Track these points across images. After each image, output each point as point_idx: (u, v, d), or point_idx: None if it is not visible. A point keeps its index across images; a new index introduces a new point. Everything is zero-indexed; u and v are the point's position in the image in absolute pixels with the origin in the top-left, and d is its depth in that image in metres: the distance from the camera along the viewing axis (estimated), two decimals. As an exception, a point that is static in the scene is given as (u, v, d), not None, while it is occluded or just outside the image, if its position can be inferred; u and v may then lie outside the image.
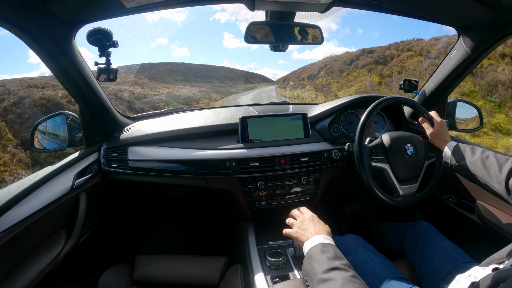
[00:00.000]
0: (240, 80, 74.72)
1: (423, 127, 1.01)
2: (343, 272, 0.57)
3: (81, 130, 1.10)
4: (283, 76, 42.64)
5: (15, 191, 0.75)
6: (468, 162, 0.82)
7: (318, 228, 0.74)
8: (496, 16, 0.86)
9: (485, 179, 0.76)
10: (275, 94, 28.43)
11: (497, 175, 0.73)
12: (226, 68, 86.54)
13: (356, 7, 0.94)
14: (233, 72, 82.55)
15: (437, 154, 1.03)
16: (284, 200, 1.17)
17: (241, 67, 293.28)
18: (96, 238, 1.13)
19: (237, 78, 77.02)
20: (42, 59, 0.83)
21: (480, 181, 0.78)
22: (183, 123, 1.20)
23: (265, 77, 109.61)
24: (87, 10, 0.78)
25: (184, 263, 0.99)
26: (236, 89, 51.38)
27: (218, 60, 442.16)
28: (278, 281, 0.84)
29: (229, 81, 66.42)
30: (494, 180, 0.73)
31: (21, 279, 0.72)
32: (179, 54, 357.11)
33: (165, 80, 48.47)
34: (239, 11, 40.01)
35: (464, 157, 0.83)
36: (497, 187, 0.73)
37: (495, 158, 0.76)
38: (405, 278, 0.80)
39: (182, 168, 1.09)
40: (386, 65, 15.06)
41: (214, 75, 70.70)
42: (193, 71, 64.79)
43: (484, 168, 0.77)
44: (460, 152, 0.86)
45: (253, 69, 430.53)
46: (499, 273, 0.49)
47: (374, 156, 1.00)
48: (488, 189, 0.77)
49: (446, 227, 1.09)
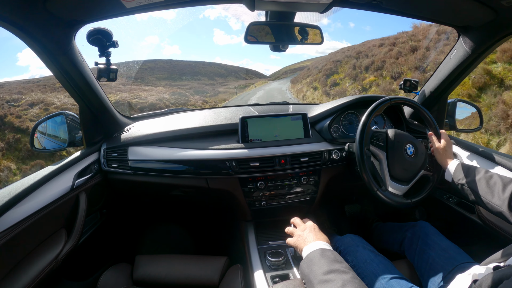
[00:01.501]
0: (231, 76, 69.55)
1: (431, 140, 1.00)
2: (343, 274, 0.58)
3: (81, 130, 1.10)
4: (275, 71, 40.61)
5: (15, 191, 0.75)
6: (471, 181, 0.83)
7: (318, 237, 0.75)
8: (496, 16, 0.86)
9: (487, 197, 0.77)
10: (290, 94, 20.84)
11: (500, 193, 0.74)
12: (216, 64, 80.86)
13: (356, 7, 0.94)
14: (224, 68, 76.63)
15: (436, 171, 1.01)
16: (284, 200, 1.17)
17: (233, 63, 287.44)
18: (96, 238, 1.13)
19: (228, 74, 71.68)
20: (42, 59, 0.83)
21: (482, 200, 0.79)
22: (183, 123, 1.20)
23: (259, 72, 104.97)
24: (87, 10, 0.78)
25: (184, 263, 0.99)
26: (226, 87, 46.68)
27: (209, 57, 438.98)
28: (278, 281, 0.84)
29: (219, 78, 61.35)
30: (496, 198, 0.74)
31: (21, 279, 0.73)
32: (170, 52, 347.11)
33: (145, 79, 44.37)
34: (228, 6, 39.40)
35: (467, 176, 0.84)
36: (499, 204, 0.74)
37: (500, 178, 0.77)
38: (405, 278, 0.80)
39: (182, 168, 1.09)
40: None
41: (203, 71, 65.52)
42: (179, 68, 60.41)
43: (487, 187, 0.78)
44: (463, 171, 0.86)
45: (245, 65, 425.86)
46: (501, 271, 0.49)
47: (374, 140, 1.00)
48: (489, 207, 0.77)
49: (446, 227, 1.09)
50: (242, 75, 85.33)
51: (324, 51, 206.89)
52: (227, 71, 76.29)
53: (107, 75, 0.96)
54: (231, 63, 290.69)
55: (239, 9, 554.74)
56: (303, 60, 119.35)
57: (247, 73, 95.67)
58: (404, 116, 1.29)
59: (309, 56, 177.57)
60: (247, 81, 65.83)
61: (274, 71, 75.44)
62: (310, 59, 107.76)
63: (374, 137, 1.01)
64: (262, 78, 76.26)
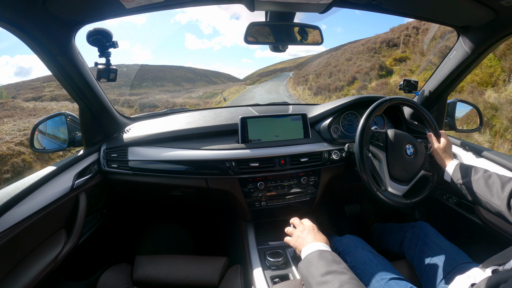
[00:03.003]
0: (201, 81, 62.73)
1: (430, 140, 1.00)
2: (341, 275, 0.58)
3: (81, 130, 1.10)
4: (248, 74, 37.20)
5: (15, 191, 0.75)
6: (470, 180, 0.83)
7: (317, 238, 0.75)
8: (495, 17, 0.86)
9: (486, 196, 0.77)
10: (288, 94, 18.70)
11: (499, 192, 0.74)
12: (184, 68, 72.63)
13: (356, 7, 0.94)
14: (193, 72, 68.85)
15: (435, 171, 1.01)
16: (284, 201, 1.17)
17: (206, 68, 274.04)
18: (96, 238, 1.13)
19: (197, 79, 64.51)
20: (42, 59, 0.83)
21: (481, 199, 0.79)
22: (183, 123, 1.20)
23: (232, 76, 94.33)
24: (86, 10, 0.78)
25: (184, 263, 0.99)
26: (195, 93, 39.44)
27: (181, 62, 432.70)
28: (278, 281, 0.84)
29: (186, 83, 55.12)
30: (495, 197, 0.75)
31: (21, 279, 0.73)
32: (141, 58, 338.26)
33: (121, 87, 42.05)
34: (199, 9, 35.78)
35: (466, 176, 0.84)
36: (498, 204, 0.74)
37: (498, 178, 0.78)
38: (404, 279, 0.80)
39: (182, 168, 1.09)
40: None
41: (168, 76, 58.89)
42: (141, 73, 54.93)
43: (486, 186, 0.78)
44: (462, 171, 0.87)
45: (217, 69, 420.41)
46: (499, 274, 0.49)
47: (374, 141, 1.00)
48: (488, 207, 0.78)
49: (446, 227, 1.09)
50: (213, 79, 77.47)
51: (296, 54, 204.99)
52: (196, 75, 68.70)
53: (107, 76, 0.96)
54: (204, 67, 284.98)
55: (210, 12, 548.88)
56: (276, 63, 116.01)
57: (218, 76, 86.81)
58: (404, 117, 1.29)
59: (281, 59, 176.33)
60: (215, 86, 57.34)
61: (247, 74, 72.27)
62: (283, 62, 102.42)
63: (374, 138, 1.01)
64: (235, 81, 67.32)
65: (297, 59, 23.41)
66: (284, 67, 24.42)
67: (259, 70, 34.19)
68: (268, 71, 77.40)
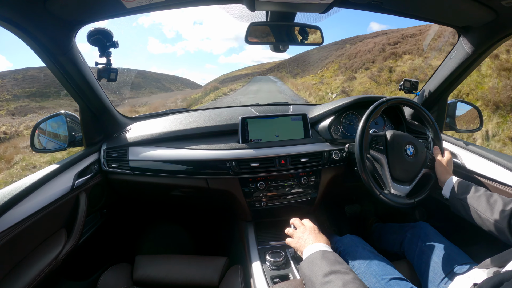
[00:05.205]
0: (150, 86, 54.51)
1: (435, 153, 1.01)
2: (344, 275, 0.58)
3: (81, 130, 1.10)
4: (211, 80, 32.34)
5: (15, 191, 0.75)
6: (471, 197, 0.83)
7: (318, 239, 0.75)
8: (496, 17, 0.86)
9: (487, 214, 0.77)
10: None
11: (500, 211, 0.74)
12: (132, 71, 61.79)
13: (356, 7, 0.94)
14: (142, 76, 59.16)
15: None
16: (284, 201, 1.17)
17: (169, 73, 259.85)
18: (96, 238, 1.13)
19: (146, 84, 56.08)
20: (42, 59, 0.83)
21: (481, 216, 0.79)
22: (184, 123, 1.20)
23: (191, 81, 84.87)
24: (87, 10, 0.78)
25: (184, 263, 0.99)
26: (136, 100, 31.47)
27: (145, 67, 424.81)
28: (278, 281, 0.84)
29: (131, 90, 46.63)
30: (497, 215, 0.75)
31: (21, 279, 0.73)
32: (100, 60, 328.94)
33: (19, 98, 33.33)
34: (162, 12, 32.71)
35: (467, 192, 0.84)
36: (500, 222, 0.74)
37: (500, 197, 0.78)
38: (404, 279, 0.80)
39: (182, 168, 1.09)
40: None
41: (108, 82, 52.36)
42: None
43: (487, 204, 0.78)
44: (463, 187, 0.87)
45: (181, 75, 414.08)
46: (502, 274, 0.49)
47: (374, 145, 1.00)
48: (487, 224, 0.77)
49: (446, 227, 1.09)
50: (167, 84, 67.00)
51: (260, 60, 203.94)
52: (145, 79, 58.69)
53: (107, 75, 0.96)
54: (168, 72, 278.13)
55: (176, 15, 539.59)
56: (241, 68, 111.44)
57: (174, 82, 75.58)
58: (404, 117, 1.29)
59: (244, 64, 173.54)
60: (169, 93, 49.51)
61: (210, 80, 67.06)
62: (247, 67, 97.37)
63: (374, 141, 1.01)
64: (194, 88, 58.23)
65: (262, 64, 22.23)
66: (249, 72, 22.90)
67: (223, 76, 31.60)
68: (233, 77, 71.92)
